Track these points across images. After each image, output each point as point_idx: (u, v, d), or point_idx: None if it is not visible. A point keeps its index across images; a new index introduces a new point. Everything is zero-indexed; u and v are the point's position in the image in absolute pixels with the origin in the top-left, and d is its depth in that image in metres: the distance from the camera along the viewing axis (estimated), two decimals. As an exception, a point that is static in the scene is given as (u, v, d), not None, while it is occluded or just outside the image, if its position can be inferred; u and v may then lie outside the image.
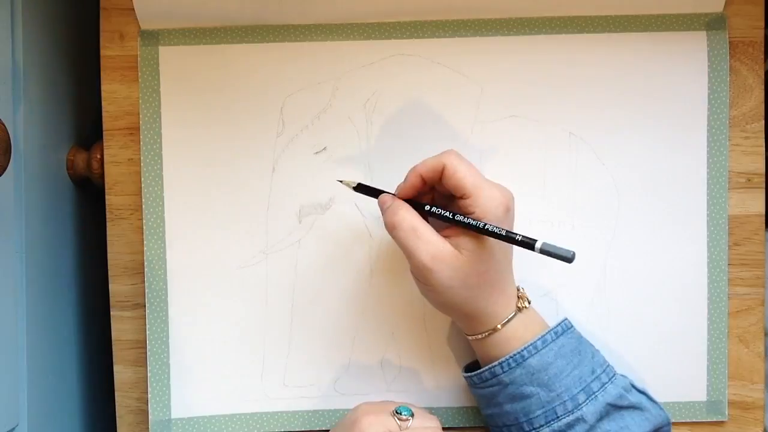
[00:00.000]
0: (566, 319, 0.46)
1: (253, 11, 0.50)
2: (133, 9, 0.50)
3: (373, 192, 0.46)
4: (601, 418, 0.43)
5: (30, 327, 0.48)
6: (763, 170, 0.52)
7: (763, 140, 0.52)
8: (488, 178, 0.43)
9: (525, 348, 0.43)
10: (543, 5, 0.50)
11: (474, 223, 0.41)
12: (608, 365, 0.46)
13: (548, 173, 0.51)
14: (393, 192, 0.45)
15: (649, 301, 0.51)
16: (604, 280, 0.51)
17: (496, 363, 0.44)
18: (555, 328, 0.45)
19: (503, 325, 0.44)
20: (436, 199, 0.46)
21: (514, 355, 0.43)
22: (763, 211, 0.52)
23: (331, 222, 0.51)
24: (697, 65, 0.51)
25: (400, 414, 0.43)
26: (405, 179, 0.44)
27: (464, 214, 0.42)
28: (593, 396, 0.43)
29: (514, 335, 0.44)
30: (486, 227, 0.41)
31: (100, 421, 0.59)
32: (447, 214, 0.42)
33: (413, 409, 0.44)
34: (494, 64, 0.50)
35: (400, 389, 0.51)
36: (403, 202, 0.44)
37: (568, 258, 0.39)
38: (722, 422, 0.52)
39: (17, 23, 0.46)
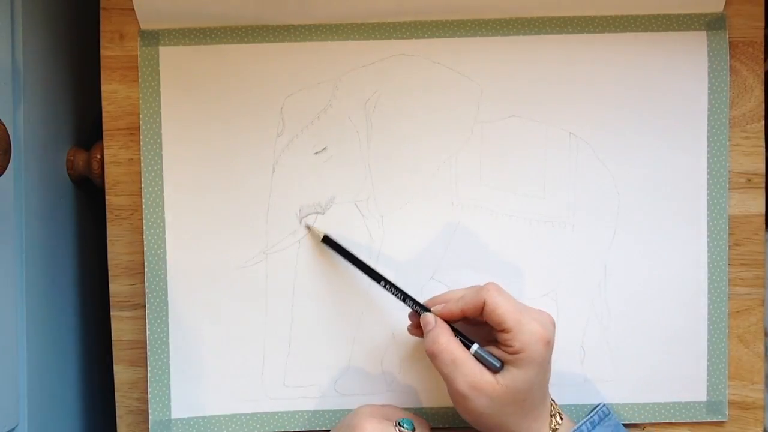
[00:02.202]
0: (603, 405, 0.48)
1: (253, 11, 0.50)
2: (133, 9, 0.50)
3: (339, 249, 0.49)
4: None
5: (30, 327, 0.48)
6: (763, 170, 0.52)
7: (763, 140, 0.52)
8: (528, 306, 0.44)
9: None
10: (543, 5, 0.50)
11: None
12: None
13: (548, 173, 0.51)
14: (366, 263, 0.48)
15: (649, 301, 0.51)
16: (605, 280, 0.51)
17: None
18: (591, 416, 0.47)
19: None
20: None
21: None
22: (763, 211, 0.52)
23: (331, 222, 0.51)
24: (697, 65, 0.51)
25: (402, 426, 0.44)
26: (446, 303, 0.45)
27: (500, 346, 0.43)
28: None
29: None
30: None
31: (100, 421, 0.59)
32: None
33: (414, 423, 0.45)
34: (494, 64, 0.51)
35: (400, 389, 0.51)
36: (444, 326, 0.45)
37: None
38: (722, 422, 0.52)
39: (17, 23, 0.46)
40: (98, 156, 0.52)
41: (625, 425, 0.50)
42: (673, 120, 0.51)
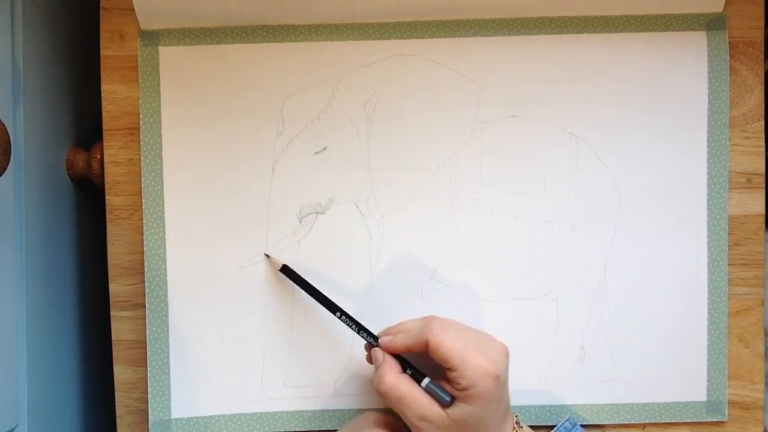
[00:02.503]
0: (567, 419, 0.49)
1: (253, 11, 0.50)
2: (133, 9, 0.50)
3: (297, 279, 0.48)
4: None
5: (30, 327, 0.48)
6: (763, 170, 0.52)
7: (763, 140, 0.52)
8: (480, 336, 0.44)
9: None
10: (543, 5, 0.50)
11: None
12: None
13: (548, 173, 0.51)
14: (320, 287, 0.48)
15: (649, 301, 0.51)
16: (605, 280, 0.51)
17: None
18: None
19: None
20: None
21: None
22: (763, 211, 0.52)
23: (331, 222, 0.51)
24: (697, 65, 0.51)
25: None
26: (394, 337, 0.45)
27: (450, 382, 0.43)
28: None
29: None
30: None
31: (100, 421, 0.59)
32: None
33: None
34: (494, 64, 0.51)
35: (400, 389, 0.51)
36: (391, 363, 0.45)
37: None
38: (722, 422, 0.52)
39: (17, 23, 0.46)
40: (98, 156, 0.52)
41: (625, 425, 0.51)
42: (673, 120, 0.51)
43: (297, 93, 0.50)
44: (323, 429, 0.51)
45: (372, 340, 0.47)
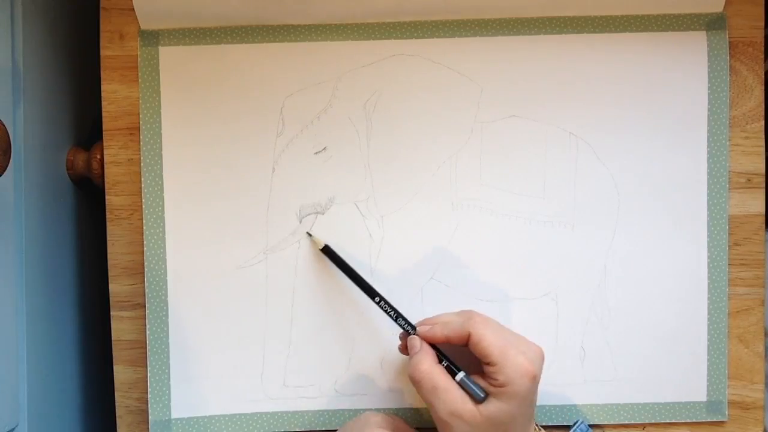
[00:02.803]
0: (581, 422, 0.49)
1: (253, 11, 0.50)
2: (133, 9, 0.50)
3: (338, 261, 0.49)
4: None
5: (30, 327, 0.48)
6: (763, 170, 0.52)
7: (763, 140, 0.52)
8: (519, 337, 0.44)
9: None
10: (543, 5, 0.50)
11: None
12: None
13: (548, 173, 0.51)
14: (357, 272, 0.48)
15: (649, 301, 0.51)
16: (605, 280, 0.51)
17: None
18: None
19: None
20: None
21: None
22: (763, 211, 0.52)
23: (331, 222, 0.51)
24: (697, 65, 0.51)
25: None
26: (432, 327, 0.45)
27: (486, 377, 0.43)
28: None
29: None
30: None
31: (100, 421, 0.59)
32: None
33: None
34: (494, 64, 0.51)
35: (400, 389, 0.51)
36: (428, 352, 0.45)
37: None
38: (722, 422, 0.52)
39: (17, 23, 0.46)
40: (98, 156, 0.52)
41: (625, 425, 0.51)
42: (673, 120, 0.51)
43: (297, 93, 0.50)
44: (323, 429, 0.51)
45: (410, 329, 0.47)
